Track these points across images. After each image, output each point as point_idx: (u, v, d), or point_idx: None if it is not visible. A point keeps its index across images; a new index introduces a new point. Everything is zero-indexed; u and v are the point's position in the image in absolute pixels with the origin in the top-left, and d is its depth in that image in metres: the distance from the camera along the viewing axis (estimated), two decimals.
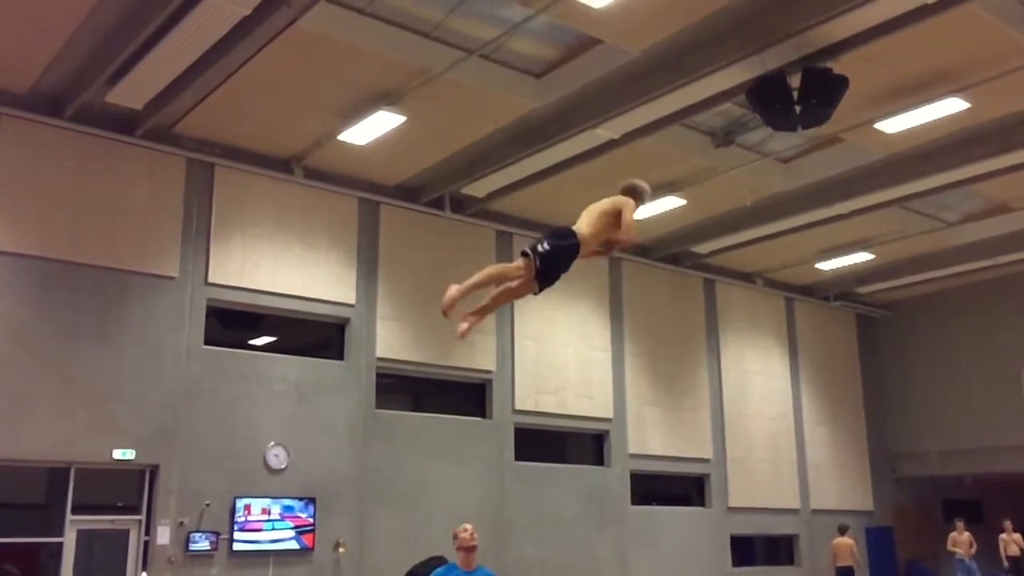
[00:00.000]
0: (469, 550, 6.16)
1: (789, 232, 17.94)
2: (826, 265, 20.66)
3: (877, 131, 13.82)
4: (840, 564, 16.62)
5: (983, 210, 18.00)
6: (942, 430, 22.12)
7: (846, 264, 20.62)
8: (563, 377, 17.60)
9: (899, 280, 21.44)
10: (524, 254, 5.79)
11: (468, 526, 6.31)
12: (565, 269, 5.85)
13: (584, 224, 6.07)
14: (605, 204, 6.22)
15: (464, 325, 5.86)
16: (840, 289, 22.40)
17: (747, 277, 21.29)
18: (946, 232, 18.83)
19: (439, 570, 6.26)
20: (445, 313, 5.47)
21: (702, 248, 19.23)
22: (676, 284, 19.99)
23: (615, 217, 6.13)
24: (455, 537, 6.25)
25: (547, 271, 5.73)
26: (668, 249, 19.23)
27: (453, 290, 5.50)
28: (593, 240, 6.06)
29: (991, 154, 14.44)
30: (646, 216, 17.20)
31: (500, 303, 5.93)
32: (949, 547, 18.32)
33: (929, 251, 19.98)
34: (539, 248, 5.72)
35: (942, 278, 21.23)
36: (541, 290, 5.88)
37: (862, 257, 20.19)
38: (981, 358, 21.63)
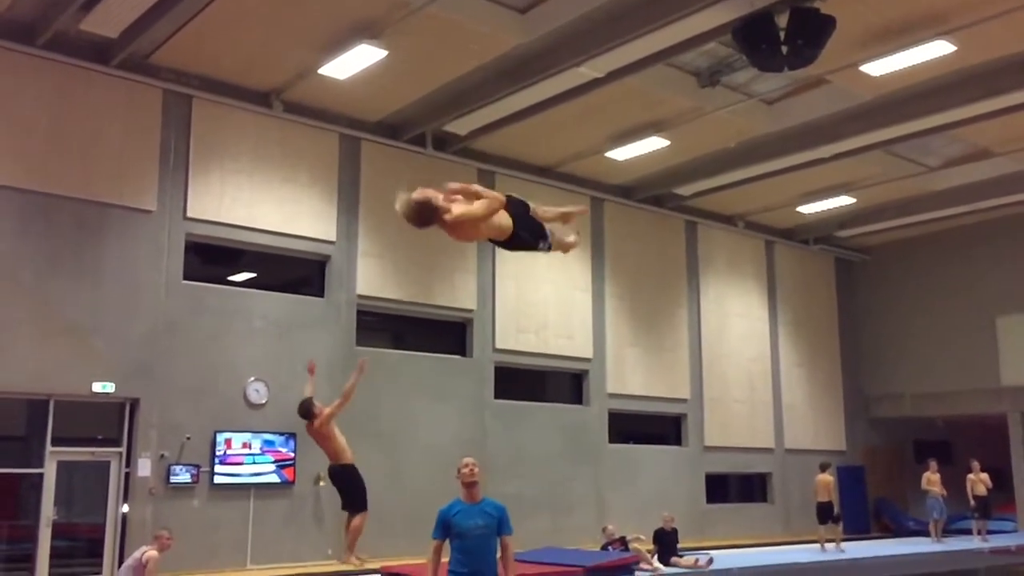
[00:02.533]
0: (469, 485, 6.22)
1: (772, 175, 17.96)
2: (807, 209, 20.73)
3: (863, 73, 13.76)
4: (820, 500, 17.12)
5: (965, 155, 18.04)
6: (916, 373, 22.49)
7: (827, 208, 20.71)
8: (543, 316, 17.70)
9: (879, 224, 21.60)
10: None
11: (468, 460, 6.33)
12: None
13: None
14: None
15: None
16: (820, 233, 22.53)
17: (728, 220, 21.35)
18: (927, 177, 18.90)
19: (444, 506, 6.30)
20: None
21: (684, 190, 19.22)
22: (658, 226, 20.02)
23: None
24: (458, 472, 6.30)
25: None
26: (650, 191, 19.21)
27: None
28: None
29: (975, 98, 14.44)
30: (629, 156, 17.18)
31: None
32: (924, 486, 18.76)
33: (910, 196, 20.09)
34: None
35: (922, 223, 21.39)
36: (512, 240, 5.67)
37: (843, 201, 20.27)
38: (957, 303, 21.91)
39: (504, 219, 5.45)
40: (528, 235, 5.59)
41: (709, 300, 20.80)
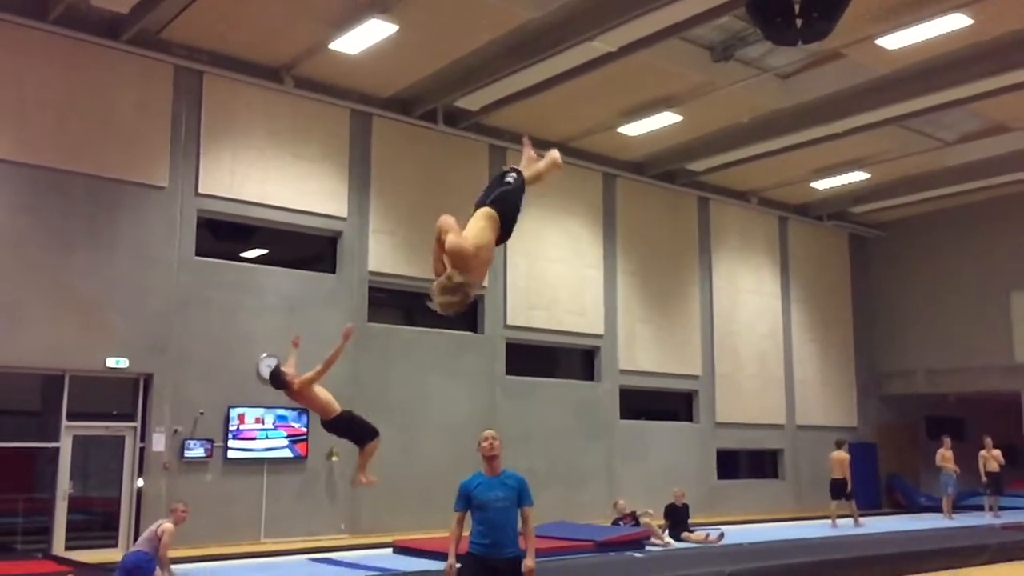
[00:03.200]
0: (490, 459, 6.24)
1: (785, 150, 17.83)
2: (821, 184, 20.60)
3: (878, 47, 13.61)
4: (834, 476, 17.15)
5: (981, 130, 17.86)
6: (929, 349, 22.41)
7: (841, 183, 20.57)
8: (554, 293, 17.69)
9: (893, 200, 21.45)
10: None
11: (488, 433, 6.32)
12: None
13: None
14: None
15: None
16: (834, 209, 22.39)
17: (741, 196, 21.23)
18: (943, 152, 18.74)
19: (466, 479, 6.33)
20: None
21: (697, 166, 19.10)
22: (670, 202, 19.93)
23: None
24: (478, 446, 6.32)
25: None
26: (663, 167, 19.10)
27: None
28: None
29: (991, 72, 14.27)
30: (641, 132, 17.08)
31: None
32: (938, 462, 18.76)
33: (925, 171, 19.92)
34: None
35: (936, 198, 21.23)
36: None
37: (858, 176, 20.12)
38: (971, 279, 21.78)
39: (488, 234, 4.98)
40: (514, 212, 5.22)
41: (721, 276, 20.74)
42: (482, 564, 5.97)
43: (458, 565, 6.11)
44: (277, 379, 9.28)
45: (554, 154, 5.61)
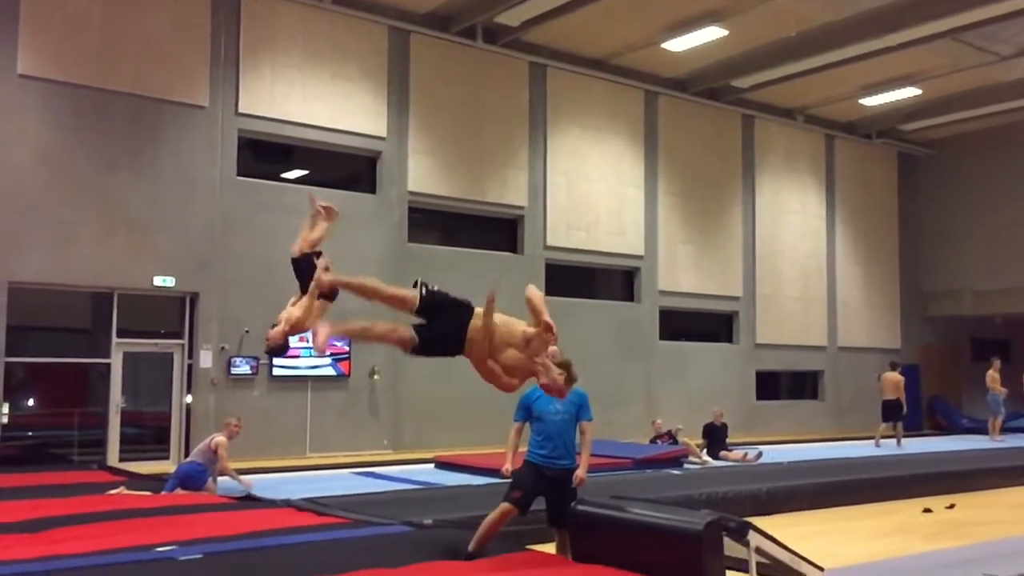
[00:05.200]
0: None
1: (834, 65, 17.31)
2: (870, 101, 20.04)
3: None
4: (886, 397, 17.11)
5: None
6: (977, 270, 22.03)
7: (891, 100, 20.01)
8: (595, 213, 17.56)
9: (945, 117, 20.85)
10: (415, 284, 5.19)
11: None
12: (443, 340, 5.13)
13: (495, 320, 5.23)
14: (525, 330, 5.32)
15: (322, 333, 5.32)
16: (883, 126, 21.82)
17: (787, 113, 20.74)
18: (998, 67, 18.07)
19: (528, 390, 6.46)
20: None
21: (742, 82, 18.64)
22: (714, 120, 19.55)
23: (525, 344, 5.20)
24: None
25: (428, 315, 5.11)
26: (707, 84, 18.67)
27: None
28: (486, 339, 5.22)
29: None
30: (685, 47, 16.66)
31: (365, 338, 5.27)
32: (989, 384, 18.60)
33: (979, 86, 19.28)
34: (431, 285, 5.17)
35: (989, 115, 20.59)
36: (418, 349, 5.13)
37: (909, 92, 19.54)
38: (1022, 198, 21.21)
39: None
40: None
41: (764, 196, 20.43)
42: (538, 473, 6.13)
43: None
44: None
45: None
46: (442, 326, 4.92)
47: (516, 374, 5.20)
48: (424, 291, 5.04)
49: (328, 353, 14.10)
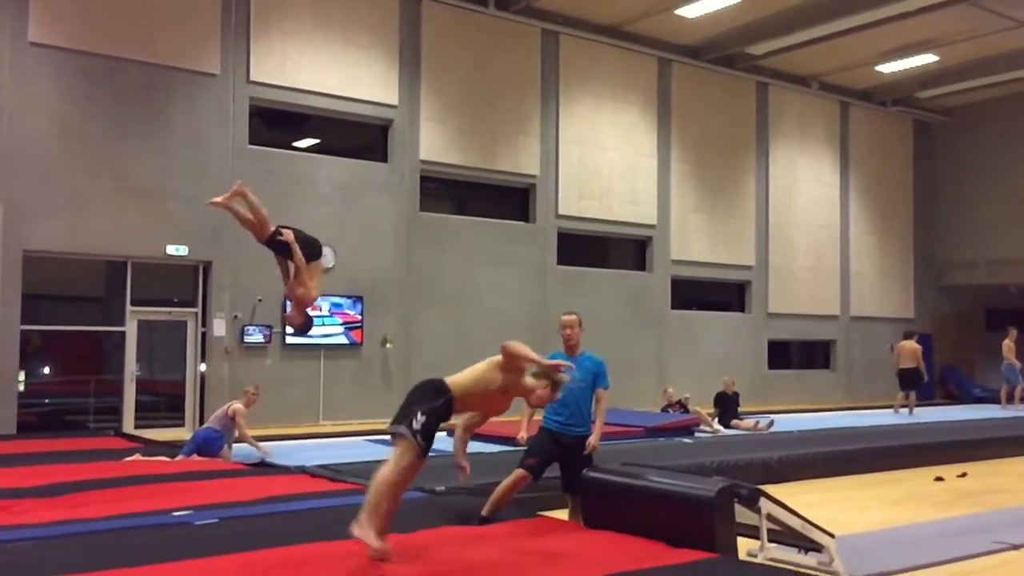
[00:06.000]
0: (567, 339, 6.39)
1: (850, 31, 17.07)
2: (887, 67, 19.80)
3: None
4: (903, 366, 17.11)
5: None
6: (992, 239, 21.87)
7: (908, 66, 19.76)
8: (607, 182, 17.49)
9: (963, 84, 20.59)
10: (400, 435, 4.77)
11: (567, 320, 6.46)
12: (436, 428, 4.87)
13: (467, 378, 5.09)
14: (530, 384, 5.23)
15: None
16: (899, 94, 21.58)
17: (802, 81, 20.52)
18: (1016, 32, 17.81)
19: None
20: None
21: (757, 49, 18.43)
22: (728, 88, 19.37)
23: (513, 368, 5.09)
24: (560, 327, 6.50)
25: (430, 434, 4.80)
26: (721, 50, 18.47)
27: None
28: (484, 390, 5.06)
29: None
30: (699, 14, 16.48)
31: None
32: (1005, 353, 18.54)
33: (997, 53, 19.01)
34: (414, 425, 4.75)
35: (1007, 82, 20.31)
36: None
37: (926, 59, 19.29)
38: None
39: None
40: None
41: (778, 165, 20.29)
42: (554, 440, 6.19)
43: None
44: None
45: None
46: (431, 425, 4.81)
47: (507, 402, 5.26)
48: (412, 431, 4.75)
49: (342, 322, 14.17)
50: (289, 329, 7.81)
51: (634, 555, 4.77)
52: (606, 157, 17.49)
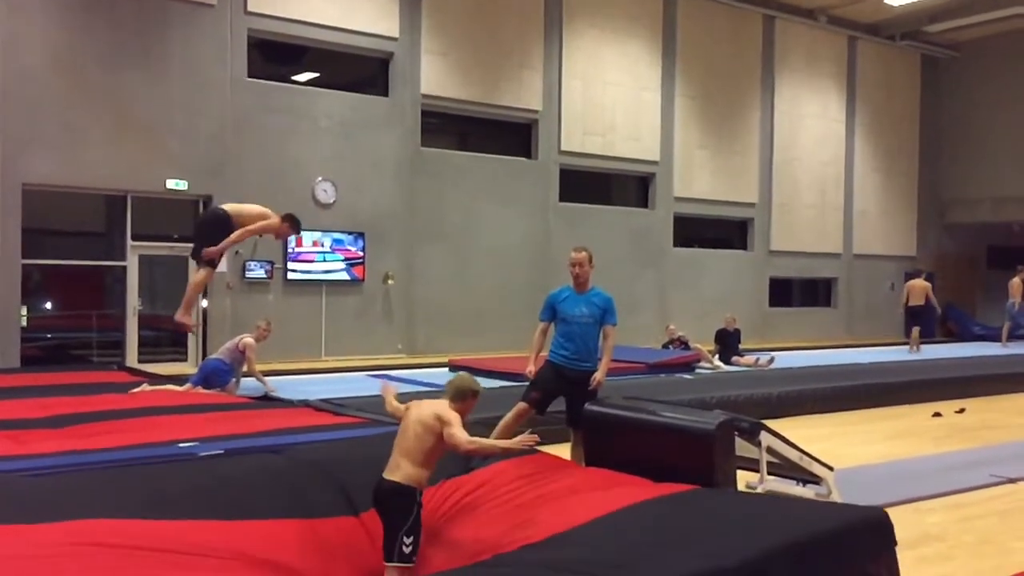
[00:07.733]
0: (576, 277, 6.36)
1: None
2: (896, 0, 19.42)
3: None
4: (912, 303, 17.16)
5: None
6: (997, 176, 21.72)
7: None
8: (611, 118, 17.29)
9: (972, 18, 20.21)
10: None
11: (576, 257, 6.34)
12: None
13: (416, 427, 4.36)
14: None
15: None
16: (908, 28, 21.22)
17: (809, 14, 20.16)
18: None
19: (554, 291, 6.51)
20: None
21: None
22: (733, 21, 19.04)
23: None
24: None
25: None
26: None
27: None
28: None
29: None
30: None
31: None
32: (1012, 292, 18.53)
33: None
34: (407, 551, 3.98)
35: (1017, 16, 19.92)
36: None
37: None
38: None
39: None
40: None
41: (784, 101, 20.04)
42: (558, 373, 6.21)
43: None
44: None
45: None
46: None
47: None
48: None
49: (343, 258, 14.16)
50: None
51: (630, 489, 4.76)
52: (609, 92, 17.26)
